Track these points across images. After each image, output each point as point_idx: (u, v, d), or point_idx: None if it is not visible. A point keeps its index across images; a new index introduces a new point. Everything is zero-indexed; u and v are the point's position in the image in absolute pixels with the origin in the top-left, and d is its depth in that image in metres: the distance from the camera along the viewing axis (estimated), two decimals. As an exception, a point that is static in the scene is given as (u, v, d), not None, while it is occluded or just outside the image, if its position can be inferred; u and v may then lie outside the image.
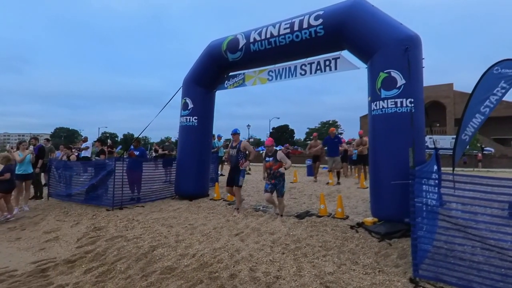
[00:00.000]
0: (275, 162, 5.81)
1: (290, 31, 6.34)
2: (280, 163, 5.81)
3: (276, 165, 5.81)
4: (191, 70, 8.19)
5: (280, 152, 5.88)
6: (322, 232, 4.81)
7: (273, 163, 5.82)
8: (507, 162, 27.90)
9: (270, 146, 5.98)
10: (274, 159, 5.83)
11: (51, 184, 8.68)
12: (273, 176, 5.86)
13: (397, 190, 4.66)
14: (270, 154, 5.93)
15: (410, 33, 5.12)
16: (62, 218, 6.37)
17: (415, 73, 5.00)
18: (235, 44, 7.24)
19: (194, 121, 7.92)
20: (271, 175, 5.88)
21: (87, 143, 10.69)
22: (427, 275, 3.19)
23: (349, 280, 3.31)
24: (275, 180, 5.86)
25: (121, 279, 3.58)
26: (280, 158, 5.80)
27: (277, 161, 5.82)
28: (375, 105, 5.22)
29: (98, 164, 7.95)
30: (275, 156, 5.84)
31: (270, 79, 7.24)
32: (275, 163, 5.81)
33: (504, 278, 2.91)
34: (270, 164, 5.86)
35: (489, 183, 3.09)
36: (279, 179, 5.87)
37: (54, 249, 4.73)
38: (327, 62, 6.37)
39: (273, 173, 5.85)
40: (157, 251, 4.26)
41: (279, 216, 5.82)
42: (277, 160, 5.82)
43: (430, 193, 3.69)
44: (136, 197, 7.66)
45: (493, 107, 6.24)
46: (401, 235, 4.45)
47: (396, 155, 4.86)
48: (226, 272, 3.57)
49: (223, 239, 4.64)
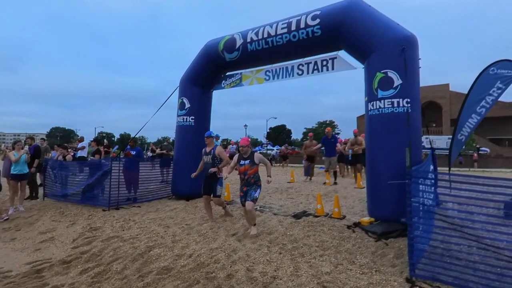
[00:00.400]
0: (252, 165, 4.91)
1: (287, 31, 6.34)
2: (258, 167, 4.91)
3: (252, 169, 4.89)
4: (188, 69, 8.17)
5: (258, 154, 5.03)
6: (319, 232, 4.81)
7: (249, 166, 4.91)
8: (502, 162, 28.13)
9: (245, 147, 5.01)
10: (251, 161, 4.92)
11: (46, 184, 8.62)
12: (247, 183, 4.94)
13: (393, 190, 4.67)
14: (245, 156, 5.00)
15: (407, 33, 5.13)
16: (57, 219, 6.32)
17: (412, 73, 5.02)
18: (232, 43, 7.23)
19: (191, 121, 7.90)
20: (245, 181, 4.94)
21: (83, 143, 10.64)
22: (424, 275, 3.20)
23: (346, 280, 3.31)
24: (248, 187, 4.93)
25: (117, 280, 3.56)
26: (258, 161, 4.92)
27: (254, 165, 4.90)
28: (372, 105, 5.23)
29: (94, 164, 7.91)
30: (252, 159, 4.92)
31: (267, 79, 7.24)
32: (252, 166, 4.91)
33: (499, 277, 2.92)
34: (245, 168, 4.92)
35: (485, 183, 3.11)
36: (253, 187, 4.91)
37: (49, 250, 4.70)
38: (324, 62, 6.38)
39: (247, 179, 4.92)
40: (154, 251, 4.24)
41: (251, 227, 4.88)
42: (254, 163, 4.89)
43: (426, 193, 3.70)
44: (132, 197, 7.63)
45: (489, 108, 6.28)
46: (398, 234, 4.46)
47: (393, 155, 4.87)
48: (223, 272, 3.56)
49: (220, 239, 4.63)
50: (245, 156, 4.99)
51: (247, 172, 4.90)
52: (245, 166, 4.93)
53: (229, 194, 7.54)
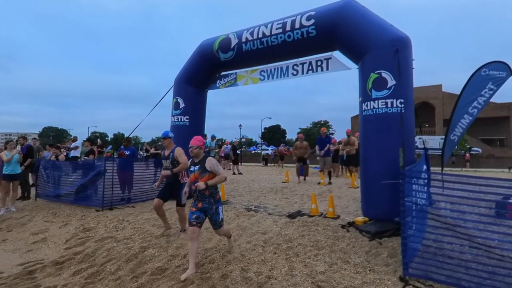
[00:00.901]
0: (203, 173, 3.79)
1: (282, 31, 6.35)
2: (211, 174, 3.81)
3: (203, 177, 3.77)
4: (182, 69, 8.14)
5: (211, 159, 3.92)
6: (314, 232, 4.83)
7: (199, 174, 3.80)
8: (494, 162, 28.55)
9: (195, 148, 3.86)
10: (201, 168, 3.81)
11: (39, 185, 8.53)
12: (200, 197, 3.79)
13: (387, 190, 4.71)
14: (196, 161, 3.89)
15: (401, 35, 5.18)
16: (50, 219, 6.25)
17: (405, 74, 5.06)
18: (227, 43, 7.22)
19: (186, 120, 7.87)
20: (197, 194, 3.81)
21: (76, 142, 10.55)
22: (417, 274, 3.24)
23: (340, 279, 3.33)
24: (203, 203, 3.79)
25: (110, 281, 3.53)
26: (210, 167, 3.80)
27: (205, 172, 3.79)
28: (366, 105, 5.27)
29: (88, 164, 7.84)
30: (202, 164, 3.82)
31: (262, 79, 7.24)
32: (202, 174, 3.78)
33: (491, 275, 2.96)
34: (195, 177, 3.82)
35: (477, 182, 3.15)
36: (210, 201, 3.81)
37: (41, 251, 4.65)
38: (319, 63, 6.40)
39: (200, 192, 3.76)
40: (148, 251, 4.22)
41: (228, 240, 4.23)
42: (206, 171, 3.79)
43: (419, 193, 3.74)
44: (126, 197, 7.58)
45: (481, 108, 6.36)
46: (391, 234, 4.50)
47: (387, 155, 4.91)
48: (218, 272, 3.55)
49: (215, 239, 4.62)
50: (196, 160, 3.92)
51: (198, 181, 3.77)
52: (194, 173, 3.85)
53: (224, 194, 7.52)
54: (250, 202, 7.23)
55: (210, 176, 3.79)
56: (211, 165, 3.82)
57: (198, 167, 3.85)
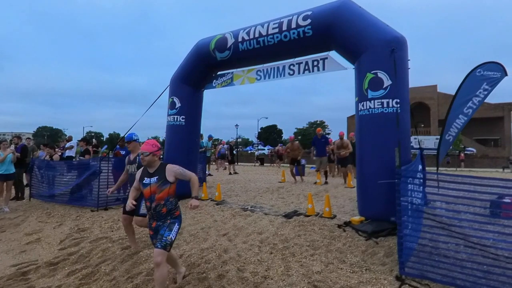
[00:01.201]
0: (163, 185, 3.07)
1: (278, 31, 6.35)
2: (174, 185, 3.14)
3: (163, 190, 3.06)
4: (178, 68, 8.10)
5: (171, 166, 3.18)
6: (310, 232, 4.83)
7: (157, 188, 3.06)
8: (488, 162, 28.85)
9: (147, 155, 3.09)
10: (160, 179, 3.08)
11: (33, 185, 8.45)
12: (157, 216, 3.08)
13: (383, 189, 4.73)
14: (150, 171, 3.14)
15: (397, 35, 5.20)
16: (44, 220, 6.19)
17: (401, 74, 5.08)
18: (223, 43, 7.20)
19: (182, 120, 7.83)
20: (152, 211, 3.08)
21: (71, 142, 10.47)
22: (413, 273, 3.25)
23: (336, 279, 3.33)
24: (158, 221, 3.09)
25: (105, 281, 3.50)
26: (175, 176, 3.13)
27: (167, 184, 3.08)
28: (362, 105, 5.28)
29: (82, 164, 7.78)
30: (162, 175, 3.10)
31: (258, 78, 7.23)
32: (163, 187, 3.06)
33: (486, 274, 2.98)
34: (152, 191, 3.06)
35: (472, 182, 3.17)
36: (164, 221, 3.07)
37: (35, 251, 4.60)
38: (315, 63, 6.40)
39: (155, 209, 3.05)
40: (143, 252, 4.19)
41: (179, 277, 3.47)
42: (167, 182, 3.08)
43: (415, 192, 3.75)
44: (121, 198, 7.51)
45: (475, 108, 6.41)
46: (388, 233, 4.51)
47: (383, 154, 4.92)
48: (214, 272, 3.54)
49: (211, 239, 4.60)
50: (150, 170, 3.15)
51: (154, 197, 3.04)
52: (150, 187, 3.07)
53: (220, 194, 7.50)
54: (247, 202, 7.21)
55: (171, 188, 3.10)
56: (174, 173, 3.12)
57: (155, 179, 3.08)
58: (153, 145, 3.17)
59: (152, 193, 3.08)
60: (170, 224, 3.08)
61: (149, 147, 3.13)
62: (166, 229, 3.03)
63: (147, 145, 3.15)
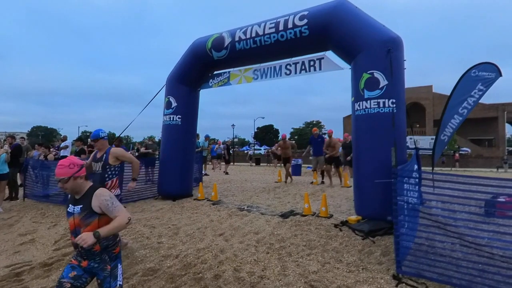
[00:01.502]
0: (88, 218, 2.30)
1: (275, 31, 6.35)
2: (104, 218, 2.30)
3: (90, 224, 2.29)
4: (174, 68, 8.07)
5: (101, 192, 2.37)
6: (306, 231, 4.83)
7: (81, 220, 2.31)
8: (482, 162, 29.14)
9: (65, 182, 2.33)
10: (85, 209, 2.32)
11: (27, 185, 8.36)
12: (86, 253, 2.36)
13: (380, 189, 4.74)
14: (76, 198, 2.39)
15: (393, 35, 5.22)
16: (38, 220, 6.13)
17: (397, 74, 5.11)
18: (220, 42, 7.18)
19: (178, 120, 7.80)
20: (80, 248, 2.28)
21: (66, 142, 10.38)
22: (410, 272, 3.26)
23: (333, 278, 3.33)
24: (90, 261, 2.38)
25: (101, 282, 3.46)
26: (100, 207, 2.31)
27: (93, 216, 2.30)
28: (359, 105, 5.30)
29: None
30: (87, 204, 2.33)
31: (255, 78, 7.22)
32: (88, 220, 2.30)
33: (481, 273, 3.00)
34: (76, 223, 2.33)
35: (467, 182, 3.19)
36: (103, 258, 2.38)
37: (29, 252, 4.55)
38: (312, 62, 6.41)
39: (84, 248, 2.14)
40: (139, 252, 4.17)
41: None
42: (93, 213, 2.31)
43: (411, 192, 3.77)
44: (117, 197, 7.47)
45: (470, 109, 6.44)
46: (384, 232, 4.53)
47: (379, 154, 4.94)
48: (210, 272, 3.52)
49: (207, 239, 4.59)
50: (76, 196, 2.41)
51: (80, 232, 2.26)
52: (74, 218, 2.35)
53: (216, 194, 7.48)
54: (243, 202, 7.20)
55: (102, 220, 2.28)
56: (100, 203, 2.30)
57: (79, 208, 2.33)
58: (70, 165, 2.35)
59: (77, 227, 2.32)
60: (112, 270, 2.39)
61: (66, 170, 2.32)
62: (110, 280, 2.36)
63: (61, 169, 2.33)
